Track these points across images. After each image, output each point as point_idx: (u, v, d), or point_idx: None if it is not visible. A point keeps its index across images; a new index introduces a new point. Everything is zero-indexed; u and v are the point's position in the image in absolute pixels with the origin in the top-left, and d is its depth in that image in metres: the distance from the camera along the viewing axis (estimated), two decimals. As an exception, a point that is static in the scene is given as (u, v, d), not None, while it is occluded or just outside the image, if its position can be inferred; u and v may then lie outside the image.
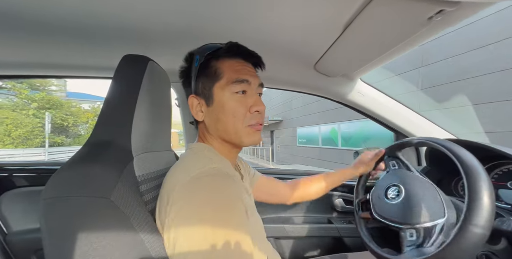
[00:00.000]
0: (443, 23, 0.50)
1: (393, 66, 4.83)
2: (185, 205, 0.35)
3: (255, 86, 0.48)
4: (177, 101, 0.91)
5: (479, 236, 0.40)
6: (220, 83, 0.45)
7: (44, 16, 0.56)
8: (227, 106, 0.45)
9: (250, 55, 0.49)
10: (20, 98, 10.89)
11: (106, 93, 0.45)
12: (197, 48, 0.49)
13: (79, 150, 0.40)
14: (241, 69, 0.46)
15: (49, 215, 0.34)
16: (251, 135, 0.47)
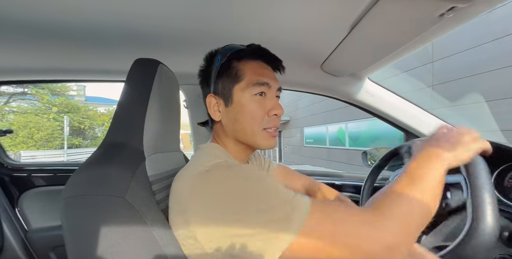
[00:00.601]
0: (455, 20, 0.49)
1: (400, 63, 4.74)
2: (199, 200, 0.36)
3: (274, 90, 0.48)
4: (185, 103, 0.93)
5: (486, 245, 0.39)
6: (240, 84, 0.45)
7: (60, 23, 0.58)
8: (246, 108, 0.45)
9: (272, 58, 0.49)
10: (42, 103, 11.53)
11: (119, 96, 0.46)
12: (220, 48, 0.49)
13: (95, 152, 0.42)
14: (262, 72, 0.47)
15: (69, 213, 0.35)
16: (267, 139, 0.47)
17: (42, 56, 0.78)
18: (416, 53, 3.53)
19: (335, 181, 1.07)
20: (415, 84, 4.46)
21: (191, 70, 0.81)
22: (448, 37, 3.75)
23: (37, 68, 0.84)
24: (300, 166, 10.15)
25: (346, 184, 1.06)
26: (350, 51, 0.69)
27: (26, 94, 11.36)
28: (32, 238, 0.95)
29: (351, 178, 1.10)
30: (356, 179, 1.08)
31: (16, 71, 0.85)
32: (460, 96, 3.69)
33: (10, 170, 1.02)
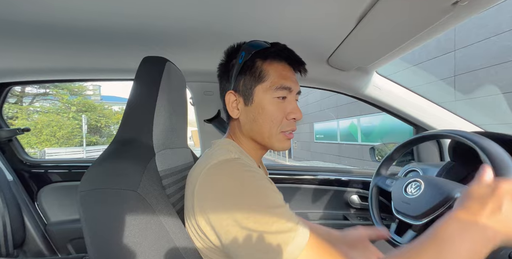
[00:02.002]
0: (470, 8, 0.46)
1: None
2: (209, 193, 0.37)
3: (295, 93, 0.48)
4: (192, 100, 0.94)
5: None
6: (263, 85, 0.45)
7: (70, 24, 0.60)
8: (266, 110, 0.45)
9: (296, 61, 0.48)
10: (62, 103, 12.18)
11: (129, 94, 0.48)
12: (244, 43, 0.48)
13: (107, 148, 0.44)
14: (286, 75, 0.46)
15: (86, 206, 0.37)
16: (283, 142, 0.47)
17: (53, 57, 0.80)
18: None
19: (342, 176, 1.06)
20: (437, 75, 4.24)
21: (197, 67, 0.83)
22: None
23: (47, 69, 0.87)
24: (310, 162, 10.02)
25: (354, 180, 1.05)
26: (357, 45, 0.67)
27: (48, 94, 12.04)
28: (51, 231, 1.00)
29: (359, 174, 1.08)
30: (364, 175, 1.07)
31: (28, 72, 0.88)
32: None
33: (29, 167, 1.08)
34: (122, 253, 0.36)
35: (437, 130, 0.66)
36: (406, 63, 4.80)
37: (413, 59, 4.70)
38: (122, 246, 0.36)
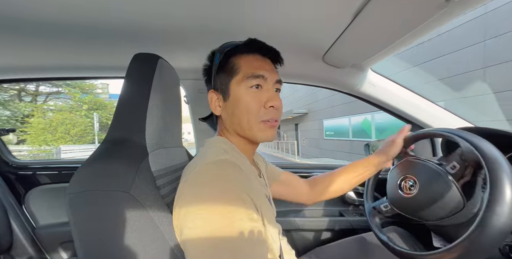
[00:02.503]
0: (464, 4, 0.46)
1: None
2: (191, 192, 0.37)
3: (271, 82, 0.47)
4: (186, 98, 0.94)
5: (504, 226, 0.39)
6: (236, 78, 0.46)
7: (59, 20, 0.58)
8: (241, 101, 0.45)
9: (268, 50, 0.49)
10: (74, 101, 12.61)
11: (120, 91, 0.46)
12: (218, 47, 0.50)
13: (97, 148, 0.42)
14: (257, 65, 0.47)
15: (75, 208, 0.36)
16: (265, 131, 0.47)
17: (42, 55, 0.77)
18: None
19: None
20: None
21: (191, 65, 0.82)
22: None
23: (35, 66, 0.84)
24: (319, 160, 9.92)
25: None
26: (352, 42, 0.67)
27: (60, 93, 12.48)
28: (40, 234, 0.97)
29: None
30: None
31: (16, 69, 0.85)
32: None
33: (16, 169, 1.04)
34: (114, 256, 0.35)
35: (431, 129, 0.68)
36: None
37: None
38: (114, 249, 0.35)
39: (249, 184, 0.40)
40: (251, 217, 0.35)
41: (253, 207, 0.37)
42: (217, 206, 0.34)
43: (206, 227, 0.33)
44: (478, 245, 0.40)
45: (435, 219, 0.55)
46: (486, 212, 0.40)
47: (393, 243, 0.58)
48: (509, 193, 0.40)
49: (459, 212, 0.51)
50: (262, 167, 0.63)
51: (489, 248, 0.40)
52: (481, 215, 0.41)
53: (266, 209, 0.44)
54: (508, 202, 0.40)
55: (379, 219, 0.69)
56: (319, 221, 0.98)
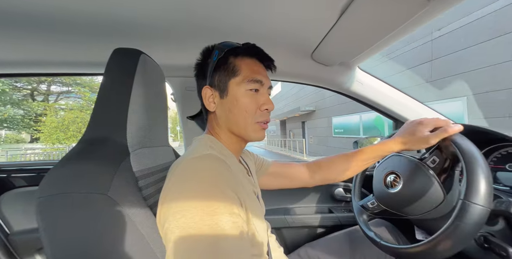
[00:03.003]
0: (444, 3, 0.48)
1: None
2: (175, 187, 0.37)
3: (266, 87, 0.50)
4: (173, 96, 0.92)
5: (480, 213, 0.41)
6: (236, 79, 0.48)
7: (31, 11, 0.53)
8: (240, 101, 0.48)
9: (265, 57, 0.52)
10: (85, 100, 12.95)
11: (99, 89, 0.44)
12: (217, 44, 0.51)
13: (73, 148, 0.40)
14: (257, 70, 0.49)
15: (46, 213, 0.33)
16: (258, 132, 0.50)
17: (12, 49, 0.71)
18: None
19: None
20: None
21: (178, 62, 0.80)
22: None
23: (9, 61, 0.77)
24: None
25: None
26: (339, 40, 0.68)
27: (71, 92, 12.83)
28: (14, 241, 0.90)
29: None
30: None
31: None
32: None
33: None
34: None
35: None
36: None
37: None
38: (91, 255, 0.33)
39: (234, 179, 0.40)
40: (233, 212, 0.35)
41: (237, 202, 0.37)
42: (201, 202, 0.34)
43: (188, 223, 0.33)
44: (455, 236, 0.42)
45: (419, 213, 0.57)
46: (462, 205, 0.42)
47: (379, 239, 0.60)
48: (483, 185, 0.42)
49: (439, 205, 0.53)
50: (250, 163, 0.64)
51: (466, 239, 0.42)
52: (458, 208, 0.42)
53: (253, 206, 0.45)
54: (482, 194, 0.41)
55: (367, 216, 0.70)
56: (309, 218, 0.99)
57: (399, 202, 0.61)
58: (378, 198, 0.67)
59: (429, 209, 0.55)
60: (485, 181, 0.42)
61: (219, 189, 0.36)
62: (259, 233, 0.44)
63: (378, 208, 0.67)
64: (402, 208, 0.60)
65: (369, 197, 0.71)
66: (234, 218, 0.35)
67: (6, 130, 11.86)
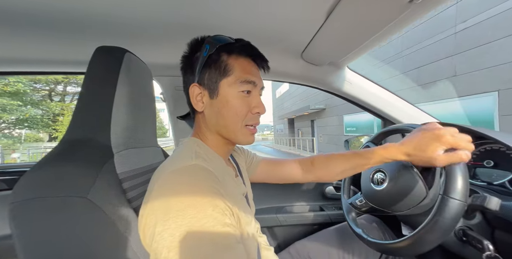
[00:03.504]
0: (424, 6, 0.49)
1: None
2: (157, 206, 0.34)
3: (259, 88, 0.48)
4: (162, 95, 0.91)
5: (458, 207, 0.42)
6: (228, 79, 0.45)
7: (7, 6, 0.51)
8: (231, 103, 0.45)
9: (259, 57, 0.49)
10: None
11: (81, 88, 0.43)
12: (207, 37, 0.48)
13: (52, 149, 0.38)
14: (251, 70, 0.47)
15: (21, 219, 0.31)
16: (247, 136, 0.48)
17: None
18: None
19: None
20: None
21: (167, 61, 0.79)
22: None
23: None
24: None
25: None
26: (327, 40, 0.69)
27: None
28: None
29: None
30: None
31: None
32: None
33: None
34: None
35: (400, 125, 0.69)
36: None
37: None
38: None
39: (222, 188, 0.37)
40: (224, 223, 0.33)
41: (228, 212, 0.35)
42: (187, 220, 0.31)
43: (176, 242, 0.30)
44: (435, 230, 0.43)
45: (404, 209, 0.58)
46: (441, 199, 0.44)
47: (366, 235, 0.61)
48: (460, 181, 0.43)
49: (422, 201, 0.54)
50: (241, 161, 0.63)
51: (445, 233, 0.43)
52: (437, 202, 0.44)
53: (243, 211, 0.43)
54: (459, 189, 0.43)
55: (355, 214, 0.71)
56: (300, 216, 1.00)
57: (385, 199, 0.62)
58: (365, 195, 0.68)
59: (413, 205, 0.56)
60: (462, 177, 0.43)
61: (206, 203, 0.34)
62: (250, 237, 0.44)
63: (366, 206, 0.68)
64: (388, 205, 0.62)
65: (357, 195, 0.72)
66: (227, 228, 0.33)
67: (26, 130, 12.43)
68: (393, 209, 0.61)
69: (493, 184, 0.60)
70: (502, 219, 0.51)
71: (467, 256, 0.56)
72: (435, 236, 0.43)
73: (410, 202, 0.56)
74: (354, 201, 0.71)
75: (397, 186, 0.59)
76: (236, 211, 0.39)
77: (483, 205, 0.48)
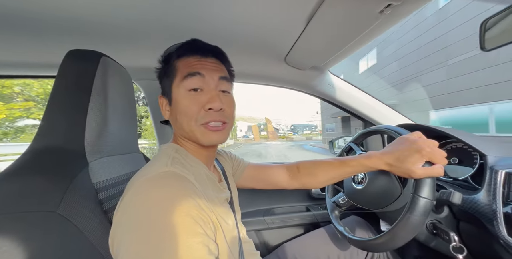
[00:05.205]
0: (394, 16, 0.53)
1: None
2: (125, 210, 0.32)
3: (213, 81, 0.44)
4: (145, 100, 0.90)
5: (426, 205, 0.46)
6: (175, 81, 0.44)
7: None
8: (180, 105, 0.43)
9: (208, 50, 0.46)
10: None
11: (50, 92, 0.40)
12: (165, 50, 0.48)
13: (17, 159, 0.35)
14: (195, 64, 0.44)
15: None
16: (206, 135, 0.44)
17: None
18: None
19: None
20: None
21: (148, 64, 0.75)
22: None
23: None
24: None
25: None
26: (309, 45, 0.72)
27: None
28: None
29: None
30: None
31: None
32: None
33: None
34: None
35: (380, 126, 0.72)
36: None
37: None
38: None
39: (195, 196, 0.35)
40: (195, 232, 0.32)
41: (200, 221, 0.33)
42: (155, 232, 0.29)
43: (142, 255, 0.28)
44: (407, 227, 0.46)
45: (382, 206, 0.62)
46: (412, 198, 0.47)
47: (348, 233, 0.64)
48: (428, 181, 0.47)
49: (398, 198, 0.58)
50: (227, 165, 0.62)
51: (416, 228, 0.46)
52: (409, 201, 0.47)
53: (224, 218, 0.42)
54: (426, 188, 0.46)
55: (338, 212, 0.74)
56: (287, 217, 1.02)
57: (365, 197, 0.66)
58: (347, 194, 0.71)
59: (389, 203, 0.60)
60: (430, 178, 0.47)
61: (176, 213, 0.31)
62: (231, 244, 0.42)
63: (348, 204, 0.71)
64: (368, 203, 0.66)
65: (340, 194, 0.75)
66: (198, 238, 0.31)
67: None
68: (372, 207, 0.65)
69: (458, 180, 0.66)
70: (464, 212, 0.56)
71: (438, 248, 0.60)
72: (408, 232, 0.47)
73: (387, 200, 0.60)
74: (337, 199, 0.74)
75: (375, 185, 0.63)
76: (214, 218, 0.38)
77: (448, 199, 0.52)
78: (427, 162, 0.48)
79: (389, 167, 0.53)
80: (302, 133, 53.27)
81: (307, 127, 54.85)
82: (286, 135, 57.45)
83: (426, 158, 0.47)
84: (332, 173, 0.61)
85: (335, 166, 0.61)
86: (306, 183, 0.66)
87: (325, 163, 0.63)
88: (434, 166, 0.47)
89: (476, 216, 0.53)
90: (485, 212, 0.51)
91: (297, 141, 33.63)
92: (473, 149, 0.60)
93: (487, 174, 0.53)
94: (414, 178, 0.49)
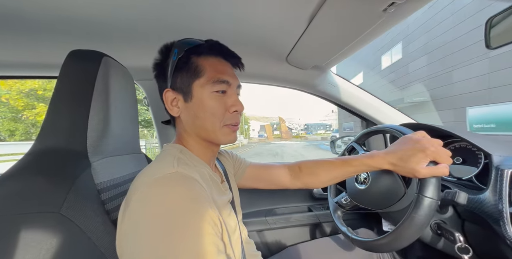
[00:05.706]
0: (398, 15, 0.52)
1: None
2: (134, 214, 0.32)
3: (234, 87, 0.47)
4: (146, 100, 0.89)
5: (431, 205, 0.45)
6: (200, 80, 0.44)
7: None
8: (206, 105, 0.44)
9: (231, 55, 0.48)
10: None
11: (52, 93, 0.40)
12: (176, 41, 0.47)
13: (20, 160, 0.35)
14: (222, 69, 0.46)
15: None
16: (228, 135, 0.47)
17: None
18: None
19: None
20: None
21: (149, 64, 0.71)
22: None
23: None
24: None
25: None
26: (310, 44, 0.71)
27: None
28: None
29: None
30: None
31: None
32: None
33: None
34: None
35: (382, 126, 0.72)
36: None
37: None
38: None
39: (206, 196, 0.36)
40: (208, 232, 0.32)
41: (211, 221, 0.34)
42: (169, 237, 0.29)
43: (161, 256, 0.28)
44: (412, 227, 0.46)
45: (385, 206, 0.61)
46: (417, 198, 0.46)
47: (351, 233, 0.63)
48: (433, 181, 0.46)
49: (401, 198, 0.58)
50: (228, 165, 0.62)
51: (421, 229, 0.45)
52: (414, 201, 0.46)
53: (227, 219, 0.43)
54: (431, 188, 0.46)
55: (341, 212, 0.74)
56: (289, 217, 1.01)
57: (368, 197, 0.65)
58: (350, 194, 0.71)
59: (393, 203, 0.59)
60: (435, 177, 0.46)
61: (191, 214, 0.32)
62: (234, 246, 0.42)
63: (351, 204, 0.71)
64: (370, 203, 0.65)
65: (342, 194, 0.75)
66: (211, 238, 0.32)
67: (141, 128, 11.98)
68: (375, 207, 0.65)
69: (462, 179, 0.65)
70: (470, 212, 0.55)
71: (443, 248, 0.60)
72: (413, 232, 0.46)
73: (390, 200, 0.59)
74: (339, 199, 0.74)
75: (379, 185, 0.62)
76: (221, 219, 0.38)
77: (453, 199, 0.51)
78: (432, 161, 0.47)
79: (393, 166, 0.52)
80: (316, 132, 52.86)
81: (321, 127, 54.46)
82: (299, 134, 56.98)
83: (430, 157, 0.47)
84: (334, 173, 0.61)
85: (338, 165, 0.61)
86: (308, 183, 0.65)
87: (327, 163, 0.63)
88: (439, 166, 0.46)
89: (482, 216, 0.52)
90: (491, 212, 0.50)
91: (312, 141, 33.28)
92: (478, 149, 0.60)
93: (492, 173, 0.52)
94: (419, 177, 0.48)
